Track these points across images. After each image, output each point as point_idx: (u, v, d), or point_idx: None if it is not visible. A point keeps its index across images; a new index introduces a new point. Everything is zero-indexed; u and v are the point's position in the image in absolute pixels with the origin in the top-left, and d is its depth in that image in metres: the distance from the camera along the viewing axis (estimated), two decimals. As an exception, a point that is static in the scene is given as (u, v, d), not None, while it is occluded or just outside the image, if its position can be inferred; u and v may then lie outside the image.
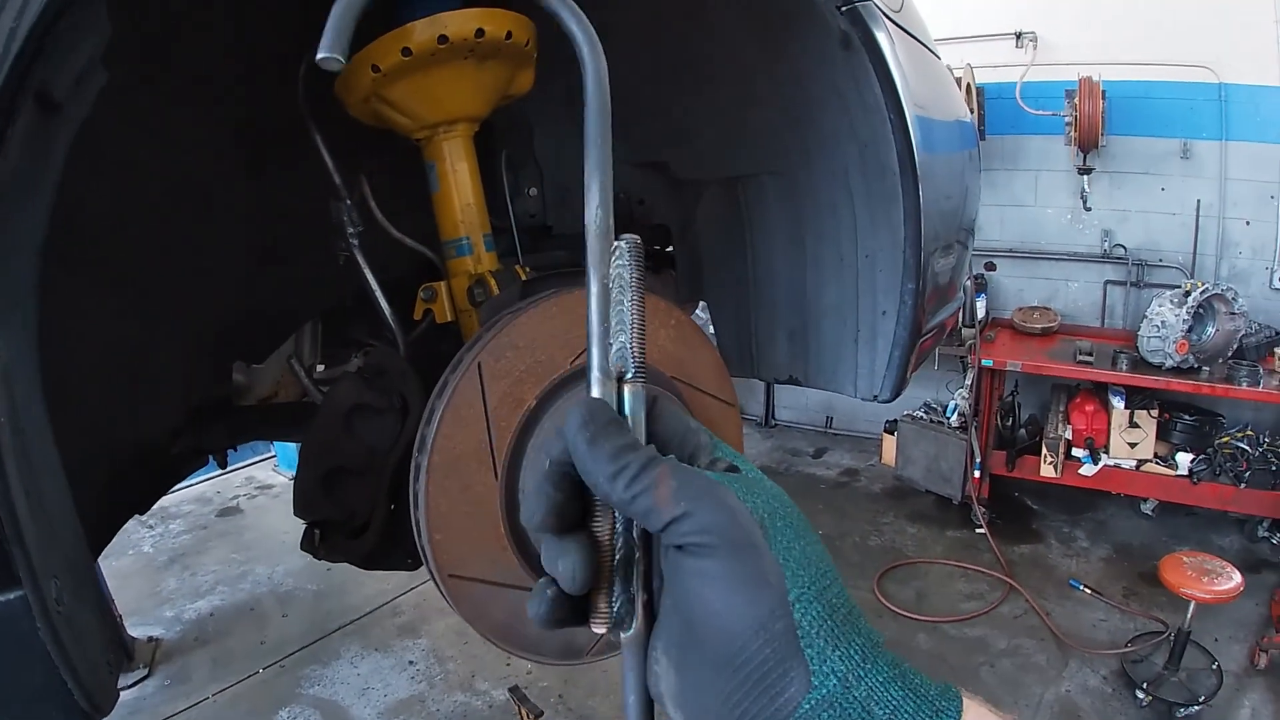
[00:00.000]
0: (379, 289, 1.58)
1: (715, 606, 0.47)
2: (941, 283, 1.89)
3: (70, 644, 0.88)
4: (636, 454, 0.50)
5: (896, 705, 0.46)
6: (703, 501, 0.48)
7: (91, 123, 1.03)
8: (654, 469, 0.49)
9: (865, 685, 0.46)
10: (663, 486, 0.48)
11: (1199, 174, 5.26)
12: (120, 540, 5.29)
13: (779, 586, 0.47)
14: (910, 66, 1.65)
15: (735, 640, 0.46)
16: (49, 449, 1.01)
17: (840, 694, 0.45)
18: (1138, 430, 4.98)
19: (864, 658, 0.47)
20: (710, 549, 0.47)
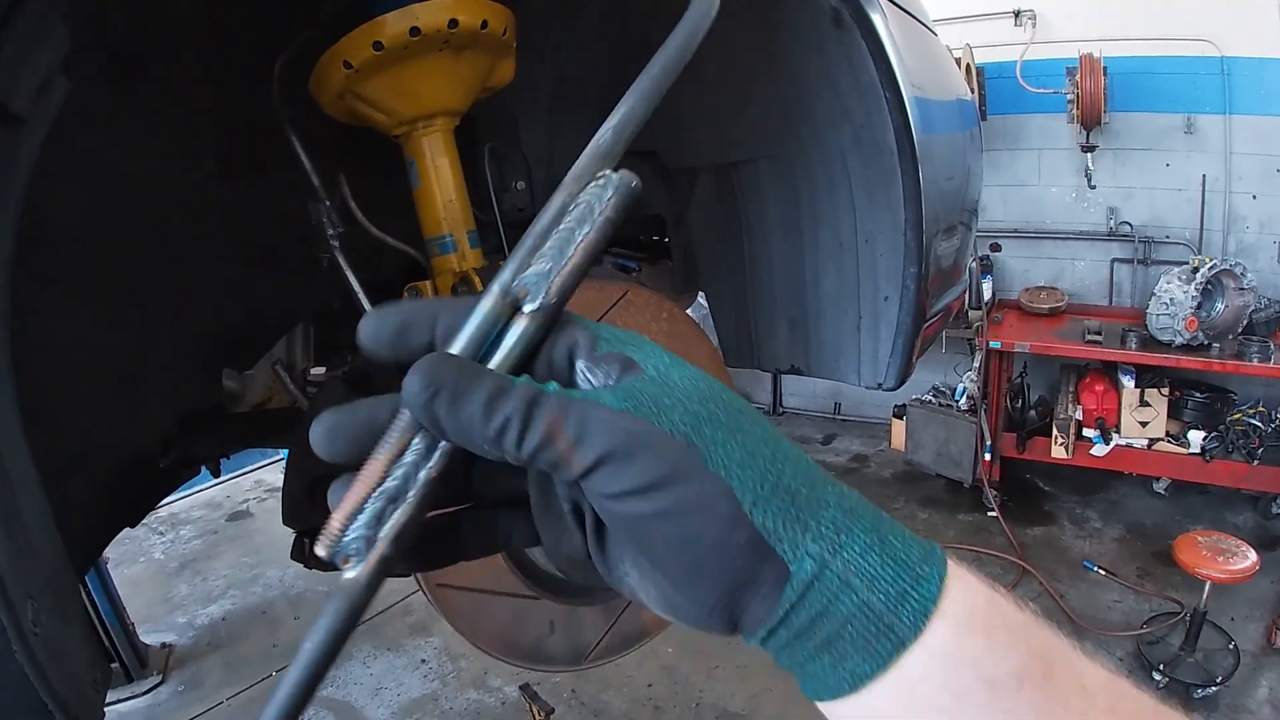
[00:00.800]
0: (362, 291, 1.55)
1: (665, 550, 0.44)
2: (945, 266, 1.85)
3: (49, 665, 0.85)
4: (510, 398, 0.43)
5: (874, 574, 0.43)
6: (610, 441, 0.42)
7: (59, 133, 1.00)
8: (540, 415, 0.43)
9: (841, 559, 0.43)
10: (558, 435, 0.42)
11: (1203, 149, 5.19)
12: (131, 547, 5.37)
13: (727, 503, 0.43)
14: (905, 43, 1.60)
15: (701, 568, 0.43)
16: (26, 466, 0.98)
17: (818, 574, 0.43)
18: (1149, 409, 4.93)
19: (837, 530, 0.44)
20: (639, 493, 0.42)
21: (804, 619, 0.43)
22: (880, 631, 0.43)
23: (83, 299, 1.45)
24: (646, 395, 0.44)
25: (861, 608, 0.43)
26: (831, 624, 0.43)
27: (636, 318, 1.31)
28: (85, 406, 1.49)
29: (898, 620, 0.43)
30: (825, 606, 0.43)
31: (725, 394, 0.46)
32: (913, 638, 0.43)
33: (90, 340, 1.49)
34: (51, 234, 1.23)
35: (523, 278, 0.46)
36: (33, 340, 1.16)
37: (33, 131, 0.96)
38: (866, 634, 0.43)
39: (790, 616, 0.43)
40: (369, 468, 0.44)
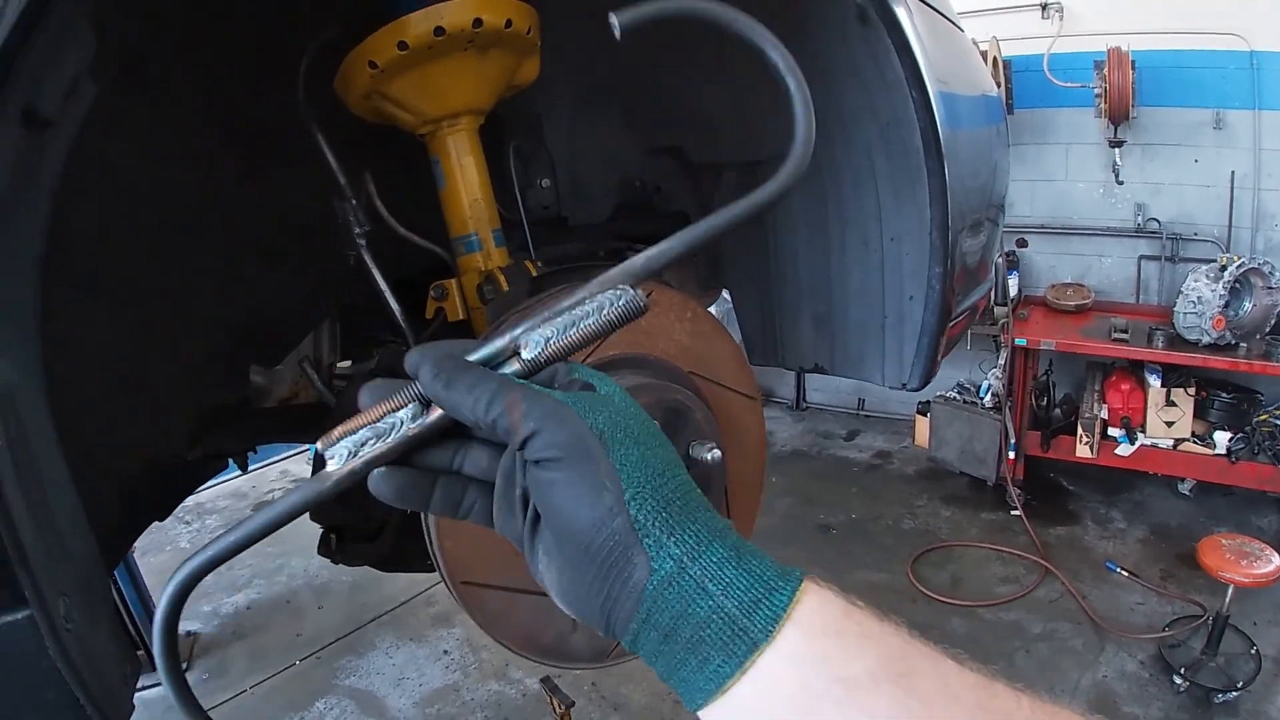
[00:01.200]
0: (388, 289, 1.56)
1: (565, 510, 0.54)
2: (971, 264, 1.83)
3: (80, 660, 0.88)
4: (487, 383, 0.57)
5: (729, 582, 0.51)
6: (548, 420, 0.55)
7: (84, 135, 1.02)
8: (504, 394, 0.56)
9: (699, 565, 0.52)
10: (514, 410, 0.55)
11: (1232, 144, 5.09)
12: (157, 537, 5.43)
13: (615, 489, 0.53)
14: (931, 40, 1.58)
15: (584, 536, 0.53)
16: (58, 465, 1.00)
17: (677, 574, 0.51)
18: (1174, 409, 4.86)
19: (699, 542, 0.53)
20: (556, 461, 0.54)
21: (666, 617, 0.51)
22: (735, 634, 0.50)
23: (107, 299, 1.47)
24: (585, 400, 0.57)
25: (716, 610, 0.51)
26: (691, 625, 0.51)
27: (661, 317, 1.31)
28: (113, 404, 1.50)
29: (750, 624, 0.50)
30: (684, 607, 0.51)
31: (649, 423, 0.58)
32: (765, 640, 0.50)
33: (117, 339, 1.50)
34: (77, 236, 1.24)
35: (530, 335, 0.60)
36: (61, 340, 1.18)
37: (60, 133, 0.97)
38: (723, 636, 0.50)
39: (653, 613, 0.52)
40: (373, 410, 0.59)
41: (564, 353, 0.60)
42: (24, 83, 0.85)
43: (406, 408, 0.59)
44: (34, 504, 0.87)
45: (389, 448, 0.58)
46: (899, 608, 4.29)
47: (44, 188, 0.98)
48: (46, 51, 0.87)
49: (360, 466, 0.58)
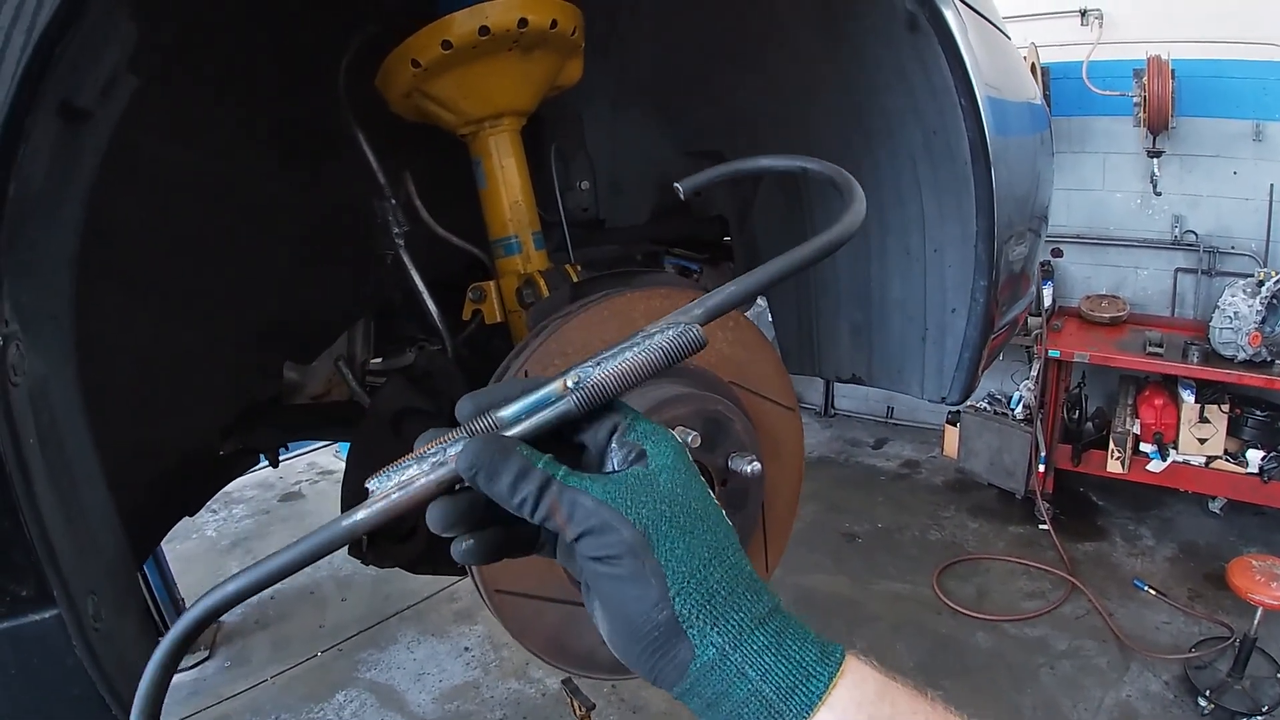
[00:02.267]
0: (425, 289, 1.54)
1: (613, 600, 0.58)
2: (1014, 274, 1.80)
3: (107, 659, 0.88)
4: (529, 483, 0.58)
5: (768, 668, 0.55)
6: (590, 522, 0.57)
7: (122, 129, 1.01)
8: (546, 499, 0.58)
9: (740, 653, 0.55)
10: (558, 514, 0.58)
11: (1272, 157, 4.99)
12: (184, 525, 5.42)
13: (660, 585, 0.56)
14: (980, 47, 1.55)
15: (632, 623, 0.57)
16: (90, 461, 1.00)
17: (719, 660, 0.55)
18: (1208, 425, 4.79)
19: (740, 630, 0.56)
20: (604, 559, 0.57)
21: (708, 694, 0.56)
22: (770, 717, 0.55)
23: (144, 293, 1.47)
24: (628, 492, 0.58)
25: (754, 695, 0.55)
26: (730, 704, 0.55)
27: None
28: (148, 399, 1.50)
29: (786, 709, 0.54)
30: (724, 688, 0.55)
31: (699, 500, 0.61)
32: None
33: (152, 334, 1.50)
34: (114, 230, 1.24)
35: (582, 370, 0.61)
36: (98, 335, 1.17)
37: (98, 128, 0.97)
38: (759, 718, 0.55)
39: (695, 688, 0.56)
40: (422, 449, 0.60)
41: (617, 383, 0.61)
42: (62, 75, 0.84)
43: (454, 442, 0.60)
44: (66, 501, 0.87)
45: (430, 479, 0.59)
46: (923, 620, 4.30)
47: (81, 182, 0.97)
48: (85, 44, 0.86)
49: (399, 497, 0.58)
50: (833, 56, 1.72)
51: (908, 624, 4.33)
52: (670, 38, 1.89)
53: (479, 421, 0.61)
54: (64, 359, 0.97)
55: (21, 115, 0.80)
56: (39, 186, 0.85)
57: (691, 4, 1.78)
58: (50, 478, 0.85)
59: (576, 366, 0.61)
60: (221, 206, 1.57)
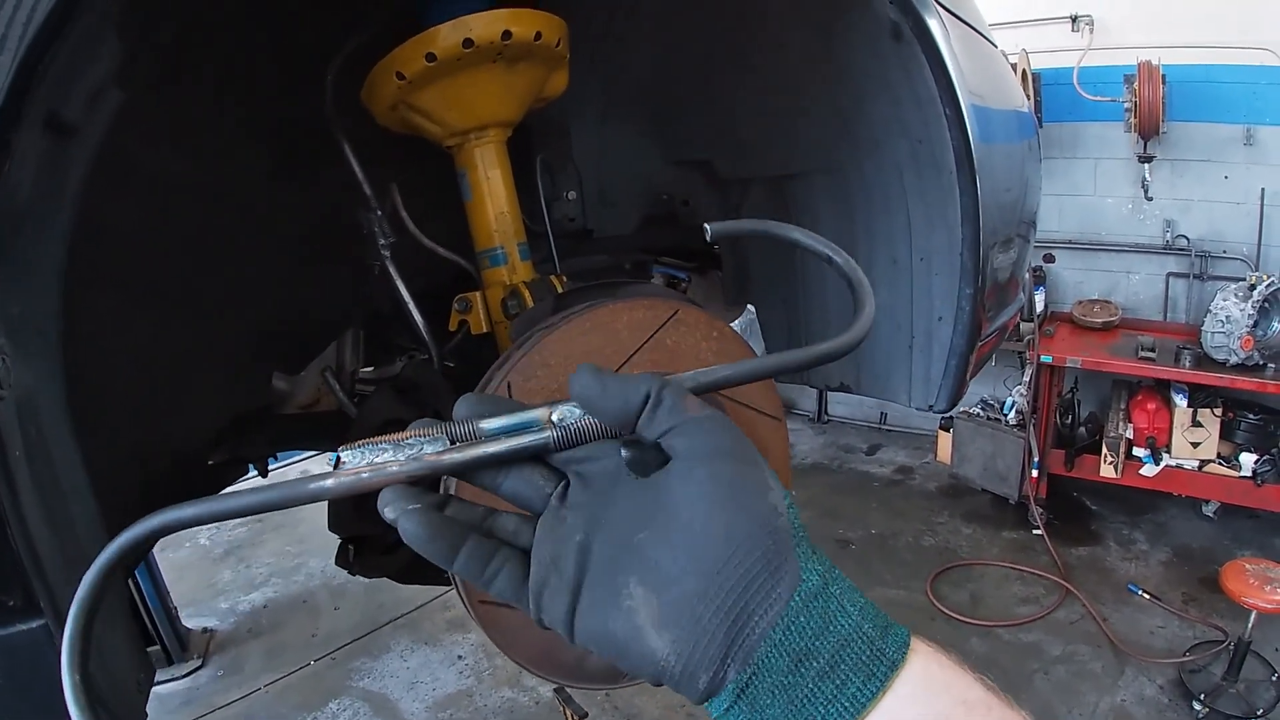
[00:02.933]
0: (411, 300, 1.55)
1: (727, 505, 0.51)
2: (1001, 281, 1.80)
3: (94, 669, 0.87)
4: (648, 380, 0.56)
5: (863, 606, 0.51)
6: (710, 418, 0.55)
7: (112, 139, 1.01)
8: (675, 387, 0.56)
9: (838, 586, 0.51)
10: (688, 399, 0.55)
11: (1263, 161, 5.02)
12: (177, 534, 5.44)
13: (778, 490, 0.53)
14: (965, 56, 1.55)
15: (741, 534, 0.50)
16: (78, 472, 1.00)
17: (820, 589, 0.50)
18: (1201, 430, 4.80)
19: (831, 566, 0.52)
20: (727, 454, 0.53)
21: (804, 637, 0.49)
22: (875, 655, 0.49)
23: (134, 303, 1.46)
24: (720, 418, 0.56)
25: (857, 630, 0.50)
26: (831, 645, 0.49)
27: (687, 336, 1.29)
28: (137, 409, 1.50)
29: (886, 646, 0.50)
30: (826, 623, 0.49)
31: None
32: (901, 661, 0.49)
33: (142, 343, 1.50)
34: (103, 239, 1.24)
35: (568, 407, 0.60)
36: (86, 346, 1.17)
37: (85, 140, 0.97)
38: (863, 657, 0.49)
39: (791, 632, 0.49)
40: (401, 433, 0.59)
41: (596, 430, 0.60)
42: (47, 91, 0.84)
43: (432, 438, 0.58)
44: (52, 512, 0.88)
45: (402, 466, 0.57)
46: (918, 625, 4.28)
47: (68, 195, 0.97)
48: (70, 60, 0.87)
49: (369, 476, 0.57)
50: (820, 68, 1.73)
51: None
52: (659, 49, 1.90)
53: (460, 425, 0.60)
54: (51, 371, 0.97)
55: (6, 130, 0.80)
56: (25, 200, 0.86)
57: (680, 15, 1.78)
58: (37, 489, 0.85)
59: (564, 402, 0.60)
60: (215, 213, 1.57)
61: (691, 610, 0.49)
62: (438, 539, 0.57)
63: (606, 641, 0.53)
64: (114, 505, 1.15)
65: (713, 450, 0.53)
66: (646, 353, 1.24)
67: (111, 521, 1.06)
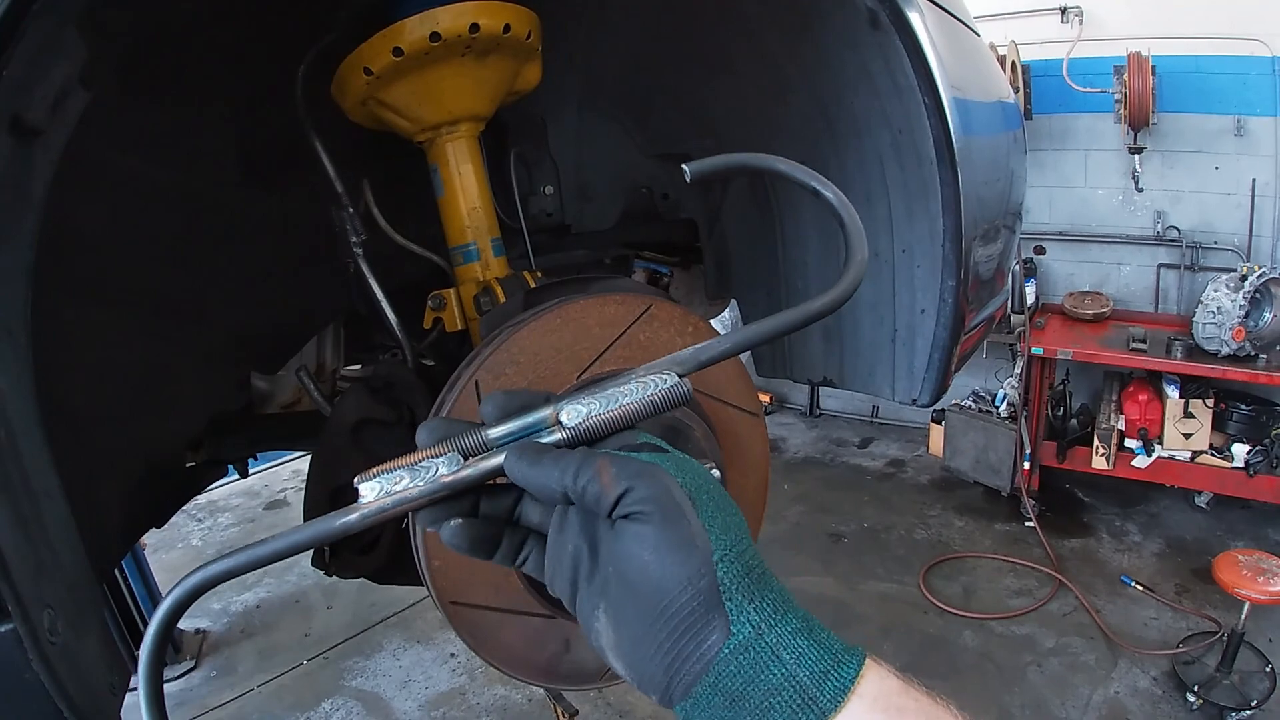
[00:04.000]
0: (384, 298, 1.53)
1: (652, 566, 0.55)
2: (985, 274, 1.78)
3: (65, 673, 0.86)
4: (573, 455, 0.60)
5: (801, 652, 0.53)
6: (640, 479, 0.57)
7: (79, 142, 1.00)
8: (593, 460, 0.58)
9: (775, 634, 0.53)
10: (605, 474, 0.57)
11: (1254, 152, 5.03)
12: (170, 534, 5.46)
13: (705, 548, 0.55)
14: (945, 45, 1.53)
15: (668, 593, 0.54)
16: (49, 475, 0.98)
17: (754, 640, 0.53)
18: (1192, 420, 4.81)
19: (775, 610, 0.54)
20: (648, 516, 0.56)
21: (736, 682, 0.52)
22: (805, 703, 0.52)
23: (107, 306, 1.44)
24: (671, 461, 0.60)
25: (789, 679, 0.52)
26: (761, 691, 0.52)
27: (661, 332, 1.27)
28: (112, 412, 1.48)
29: (820, 694, 0.52)
30: (756, 673, 0.52)
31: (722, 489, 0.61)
32: (833, 710, 0.51)
33: (116, 346, 1.48)
34: (74, 243, 1.23)
35: (573, 405, 0.63)
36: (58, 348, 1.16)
37: (50, 143, 0.96)
38: (793, 704, 0.52)
39: (723, 677, 0.53)
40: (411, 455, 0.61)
41: (605, 426, 0.63)
42: (9, 92, 0.83)
43: (444, 457, 0.61)
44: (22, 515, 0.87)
45: (420, 491, 0.60)
46: (911, 619, 4.29)
47: (34, 197, 0.96)
48: (30, 61, 0.85)
49: (389, 504, 0.60)
50: (797, 57, 1.71)
51: (895, 624, 4.33)
52: (635, 41, 1.88)
53: (468, 438, 0.62)
54: (21, 372, 0.96)
55: None
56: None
57: (658, 7, 1.76)
58: (6, 492, 0.84)
59: (569, 400, 0.63)
60: (187, 216, 1.55)
61: (635, 648, 0.56)
62: (477, 548, 0.63)
63: (591, 639, 0.61)
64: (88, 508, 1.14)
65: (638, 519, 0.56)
66: (618, 349, 1.22)
67: (84, 524, 1.05)
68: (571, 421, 0.62)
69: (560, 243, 2.01)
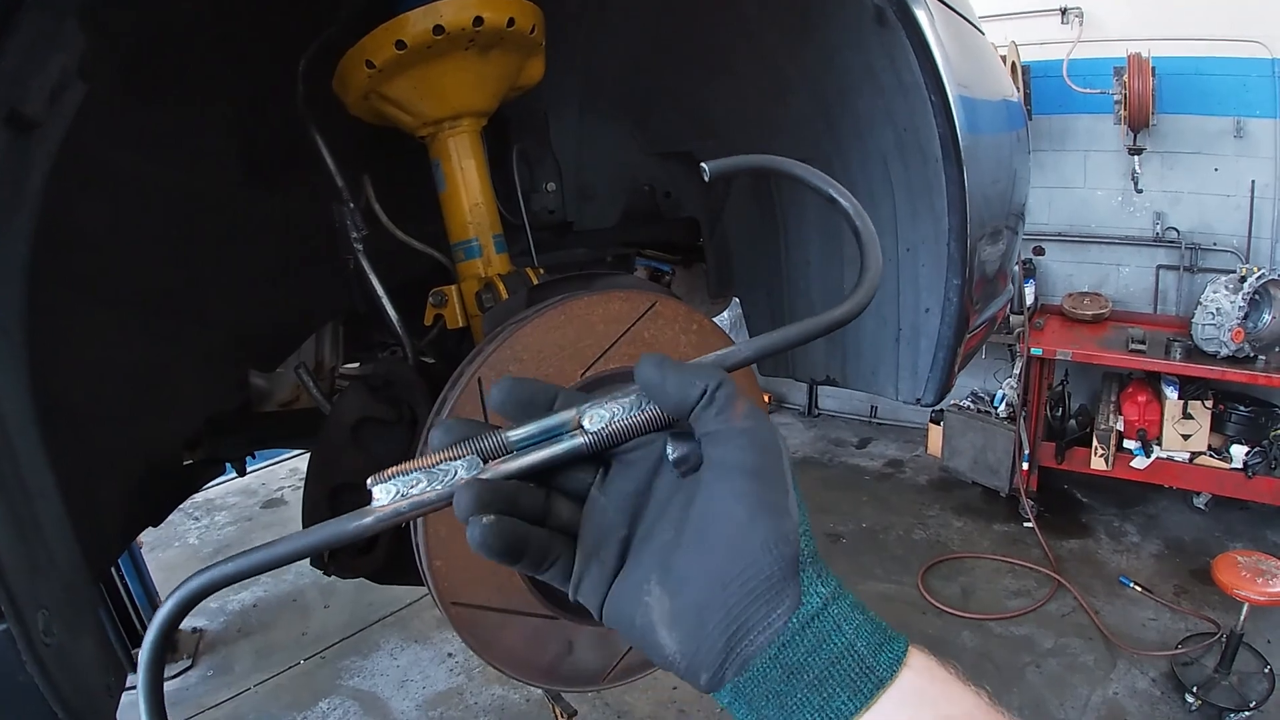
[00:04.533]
0: (385, 295, 1.51)
1: (743, 525, 0.54)
2: (989, 273, 1.78)
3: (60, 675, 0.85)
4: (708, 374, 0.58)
5: (859, 625, 0.55)
6: (759, 427, 0.56)
7: (78, 138, 0.99)
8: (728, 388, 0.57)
9: (837, 608, 0.55)
10: (738, 405, 0.57)
11: (1253, 154, 5.02)
12: (166, 532, 5.44)
13: (796, 518, 0.56)
14: (951, 42, 1.53)
15: (750, 555, 0.54)
16: (44, 474, 0.97)
17: (819, 611, 0.54)
18: (1191, 422, 4.80)
19: (837, 588, 0.56)
20: (754, 474, 0.55)
21: (798, 654, 0.53)
22: (863, 672, 0.53)
23: (106, 304, 1.43)
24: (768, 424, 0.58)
25: (848, 649, 0.54)
26: (822, 661, 0.53)
27: (665, 330, 1.26)
28: (110, 411, 1.47)
29: (877, 664, 0.54)
30: (819, 643, 0.53)
31: None
32: (889, 678, 0.53)
33: (114, 345, 1.47)
34: (73, 240, 1.22)
35: (597, 410, 0.61)
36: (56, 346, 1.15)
37: (47, 136, 0.95)
38: (851, 673, 0.53)
39: (786, 648, 0.53)
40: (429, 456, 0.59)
41: (628, 432, 0.61)
42: (4, 85, 0.82)
43: (463, 460, 0.59)
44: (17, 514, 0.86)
45: (439, 494, 0.58)
46: (909, 619, 4.28)
47: (30, 191, 0.95)
48: (27, 52, 0.84)
49: (406, 507, 0.58)
50: (801, 54, 1.70)
51: (894, 624, 4.08)
52: (637, 39, 1.87)
53: (488, 440, 0.60)
54: (15, 371, 0.95)
55: None
56: None
57: (657, 8, 1.75)
58: (1, 491, 0.83)
59: (592, 405, 0.61)
60: (183, 215, 1.53)
61: (698, 616, 0.54)
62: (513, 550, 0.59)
63: (627, 629, 0.58)
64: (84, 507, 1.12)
65: (742, 467, 0.55)
66: (623, 346, 1.21)
67: (81, 524, 1.04)
68: (594, 426, 0.60)
69: (562, 240, 2.00)
